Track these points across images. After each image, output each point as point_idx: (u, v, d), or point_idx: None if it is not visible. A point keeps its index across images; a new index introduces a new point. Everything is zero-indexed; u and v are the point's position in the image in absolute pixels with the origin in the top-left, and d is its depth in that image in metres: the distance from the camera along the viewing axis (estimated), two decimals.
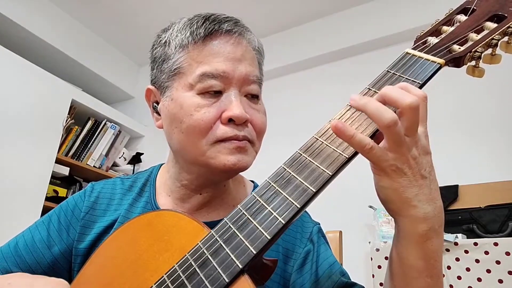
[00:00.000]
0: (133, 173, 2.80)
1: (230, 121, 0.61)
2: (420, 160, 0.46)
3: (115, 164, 2.79)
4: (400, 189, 0.46)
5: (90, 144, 2.55)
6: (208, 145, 0.62)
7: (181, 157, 0.68)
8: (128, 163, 2.87)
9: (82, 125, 2.56)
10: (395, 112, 0.44)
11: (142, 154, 2.90)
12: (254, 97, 0.67)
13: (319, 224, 0.76)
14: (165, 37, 0.69)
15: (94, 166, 2.55)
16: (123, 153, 2.83)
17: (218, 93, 0.63)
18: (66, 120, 2.36)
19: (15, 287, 0.51)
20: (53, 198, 2.30)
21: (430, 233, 0.47)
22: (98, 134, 2.60)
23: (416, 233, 0.47)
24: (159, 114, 0.70)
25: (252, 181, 0.82)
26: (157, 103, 0.71)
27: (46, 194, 2.19)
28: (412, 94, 0.45)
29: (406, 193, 0.46)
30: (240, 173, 0.81)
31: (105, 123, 2.65)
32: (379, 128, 0.45)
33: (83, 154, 2.51)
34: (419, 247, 0.48)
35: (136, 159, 2.88)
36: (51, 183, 2.25)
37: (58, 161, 2.31)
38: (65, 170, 2.37)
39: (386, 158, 0.45)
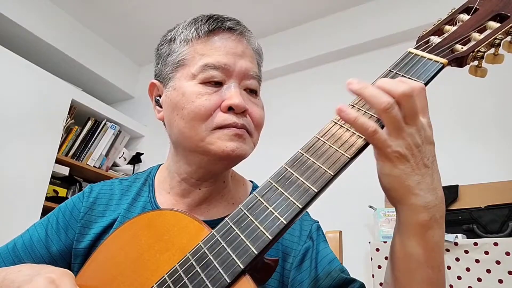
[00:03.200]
0: (133, 173, 2.81)
1: (230, 109, 0.64)
2: (423, 149, 0.47)
3: (115, 164, 2.79)
4: (403, 176, 0.46)
5: (90, 144, 2.55)
6: (208, 131, 0.63)
7: (181, 146, 0.70)
8: (128, 163, 2.87)
9: (82, 125, 2.56)
10: None
11: (142, 154, 2.90)
12: (252, 92, 0.70)
13: (318, 222, 0.76)
14: (170, 34, 0.73)
15: (94, 166, 2.55)
16: (123, 153, 2.83)
17: (218, 84, 0.65)
18: (66, 120, 2.36)
19: (24, 273, 0.53)
20: (53, 198, 2.30)
21: (431, 222, 0.47)
22: (98, 134, 2.60)
23: (417, 222, 0.47)
24: (161, 107, 0.73)
25: (251, 181, 0.83)
26: (160, 96, 0.73)
27: (46, 194, 2.19)
28: (408, 84, 0.47)
29: (408, 181, 0.46)
30: (240, 174, 0.81)
31: (105, 123, 2.65)
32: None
33: (83, 154, 2.51)
34: (419, 237, 0.48)
35: (136, 159, 2.88)
36: (51, 183, 2.25)
37: (58, 161, 2.31)
38: (65, 170, 2.37)
39: (390, 143, 0.46)
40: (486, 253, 1.51)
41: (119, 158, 2.80)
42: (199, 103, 0.63)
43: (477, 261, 1.52)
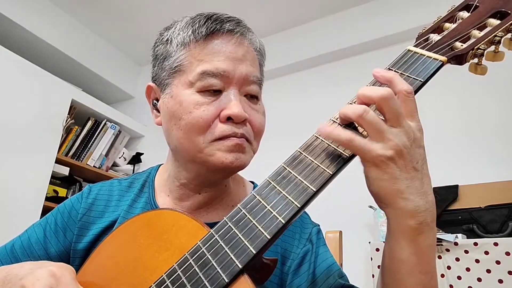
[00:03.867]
0: (133, 173, 2.80)
1: (229, 119, 0.62)
2: (412, 152, 0.46)
3: (115, 164, 2.79)
4: (391, 180, 0.45)
5: (90, 144, 2.55)
6: (207, 143, 0.62)
7: (179, 155, 0.68)
8: (128, 163, 2.87)
9: (82, 125, 2.56)
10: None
11: (142, 154, 2.90)
12: (253, 98, 0.68)
13: (319, 225, 0.76)
14: (167, 35, 0.70)
15: (94, 166, 2.55)
16: (123, 153, 2.83)
17: (217, 92, 0.63)
18: (66, 120, 2.36)
19: (27, 267, 0.53)
20: (53, 198, 2.30)
21: (422, 227, 0.46)
22: (98, 134, 2.60)
23: (408, 227, 0.46)
24: (158, 111, 0.71)
25: (252, 182, 0.82)
26: (157, 100, 0.71)
27: (46, 194, 2.18)
28: (397, 87, 0.47)
29: (397, 185, 0.45)
30: (240, 174, 0.81)
31: (105, 123, 2.65)
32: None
33: (83, 154, 2.51)
34: (411, 242, 0.47)
35: (136, 159, 2.88)
36: (51, 183, 2.25)
37: (58, 161, 2.31)
38: (65, 170, 2.37)
39: (370, 148, 0.45)
40: (486, 253, 1.51)
41: (119, 158, 2.80)
42: (197, 114, 0.61)
43: (477, 261, 1.52)
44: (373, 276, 1.75)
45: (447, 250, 1.59)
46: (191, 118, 0.62)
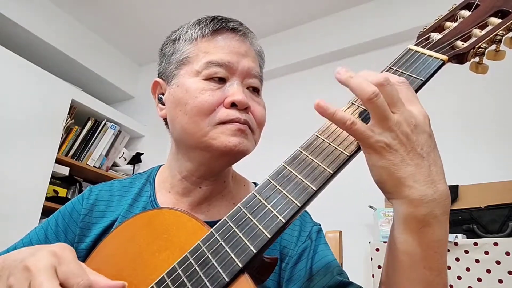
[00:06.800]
0: (133, 173, 2.80)
1: (233, 106, 0.64)
2: (413, 138, 0.44)
3: (115, 164, 2.79)
4: (392, 168, 0.43)
5: (90, 144, 2.55)
6: (211, 126, 0.64)
7: (182, 143, 0.70)
8: (128, 163, 2.87)
9: (82, 125, 2.55)
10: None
11: (142, 154, 2.90)
12: (255, 91, 0.71)
13: (320, 225, 0.76)
14: (175, 34, 0.74)
15: (94, 166, 2.55)
16: (123, 153, 2.82)
17: (222, 81, 0.66)
18: (66, 120, 2.36)
19: (25, 252, 0.52)
20: (53, 198, 2.30)
21: (429, 218, 0.44)
22: (98, 134, 2.60)
23: (413, 217, 0.44)
24: (163, 105, 0.73)
25: (254, 183, 0.82)
26: (163, 95, 0.74)
27: (46, 194, 2.18)
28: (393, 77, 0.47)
29: (399, 172, 0.43)
30: (241, 174, 0.81)
31: (105, 123, 2.65)
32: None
33: (83, 154, 2.51)
34: (416, 233, 0.45)
35: (136, 159, 2.88)
36: (51, 183, 2.25)
37: (58, 161, 2.31)
38: (65, 170, 2.37)
39: (371, 133, 0.44)
40: (486, 253, 1.51)
41: (119, 158, 2.80)
42: (202, 98, 0.64)
43: (477, 261, 1.52)
44: (373, 276, 1.75)
45: (447, 250, 1.59)
46: (197, 102, 0.64)
